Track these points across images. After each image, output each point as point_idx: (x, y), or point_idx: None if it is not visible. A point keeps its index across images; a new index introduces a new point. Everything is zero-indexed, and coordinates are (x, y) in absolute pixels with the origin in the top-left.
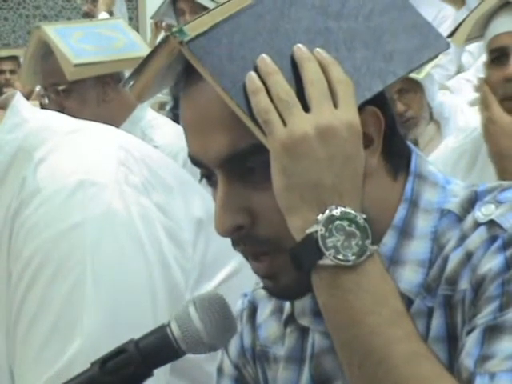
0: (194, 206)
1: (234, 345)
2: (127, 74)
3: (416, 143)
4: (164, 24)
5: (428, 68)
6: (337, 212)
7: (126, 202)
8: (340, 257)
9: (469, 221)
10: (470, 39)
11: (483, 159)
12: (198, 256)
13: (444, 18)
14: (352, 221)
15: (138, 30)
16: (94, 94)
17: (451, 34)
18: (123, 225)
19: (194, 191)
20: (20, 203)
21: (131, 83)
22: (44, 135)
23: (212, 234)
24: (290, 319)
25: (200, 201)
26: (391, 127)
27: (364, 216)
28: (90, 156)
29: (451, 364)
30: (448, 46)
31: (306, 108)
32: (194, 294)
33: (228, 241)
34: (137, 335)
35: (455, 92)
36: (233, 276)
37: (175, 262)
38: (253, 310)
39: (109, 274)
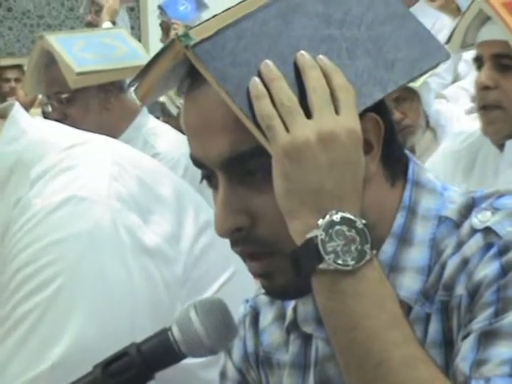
0: (187, 223)
1: (237, 350)
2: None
3: (413, 151)
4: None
5: (424, 77)
6: (337, 217)
7: (114, 218)
8: (340, 261)
9: (466, 227)
10: (466, 46)
11: (480, 165)
12: (188, 273)
13: (441, 28)
14: (352, 226)
15: (139, 39)
16: (96, 102)
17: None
18: (109, 242)
19: (190, 205)
20: (10, 220)
21: (136, 85)
22: (42, 150)
23: (203, 250)
24: (293, 326)
25: (194, 216)
26: (390, 134)
27: (363, 221)
28: (84, 172)
29: (447, 368)
30: (448, 56)
31: (309, 114)
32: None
33: (219, 253)
34: (111, 352)
35: (452, 100)
36: (223, 287)
37: (161, 278)
38: (255, 315)
39: (87, 290)
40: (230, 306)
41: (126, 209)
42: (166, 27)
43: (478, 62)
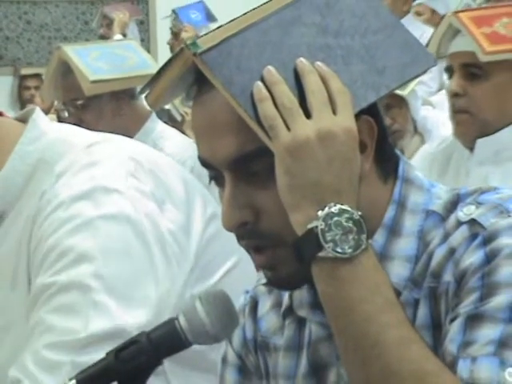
0: (196, 215)
1: (237, 337)
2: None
3: (402, 153)
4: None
5: (412, 85)
6: (335, 209)
7: (135, 205)
8: (338, 250)
9: (452, 220)
10: (440, 57)
11: (454, 167)
12: (197, 260)
13: (427, 40)
14: (349, 217)
15: (149, 50)
16: (109, 108)
17: None
18: (131, 224)
19: (198, 198)
20: (37, 210)
21: (147, 91)
22: (63, 148)
23: (210, 239)
24: (289, 311)
25: (201, 208)
26: (383, 136)
27: (360, 213)
28: (103, 167)
29: (435, 349)
30: (435, 63)
31: (308, 115)
32: (194, 290)
33: (224, 243)
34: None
35: (438, 107)
36: (227, 275)
37: (176, 262)
38: (254, 304)
39: (115, 271)
40: (232, 294)
41: (145, 199)
42: (175, 31)
43: (450, 71)
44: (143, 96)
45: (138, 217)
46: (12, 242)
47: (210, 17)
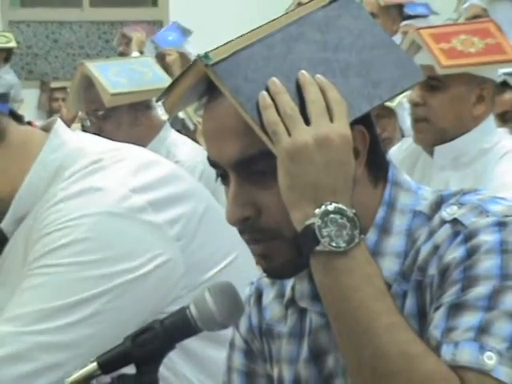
0: (197, 214)
1: (243, 324)
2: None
3: None
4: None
5: (400, 98)
6: (331, 207)
7: (121, 202)
8: (333, 244)
9: (436, 219)
10: None
11: (420, 169)
12: (196, 252)
13: None
14: (343, 214)
15: None
16: (127, 119)
17: None
18: (115, 223)
19: (202, 201)
20: (39, 207)
21: (164, 99)
22: (79, 156)
23: (211, 234)
24: (291, 302)
25: (204, 209)
26: (374, 144)
27: (353, 211)
28: (107, 169)
29: (421, 335)
30: (425, 77)
31: (307, 122)
32: (194, 281)
33: (227, 239)
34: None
35: None
36: (228, 267)
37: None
38: (259, 294)
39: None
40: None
41: (136, 195)
42: (161, 56)
43: None
44: (160, 103)
45: (120, 211)
46: (21, 242)
47: (186, 32)
